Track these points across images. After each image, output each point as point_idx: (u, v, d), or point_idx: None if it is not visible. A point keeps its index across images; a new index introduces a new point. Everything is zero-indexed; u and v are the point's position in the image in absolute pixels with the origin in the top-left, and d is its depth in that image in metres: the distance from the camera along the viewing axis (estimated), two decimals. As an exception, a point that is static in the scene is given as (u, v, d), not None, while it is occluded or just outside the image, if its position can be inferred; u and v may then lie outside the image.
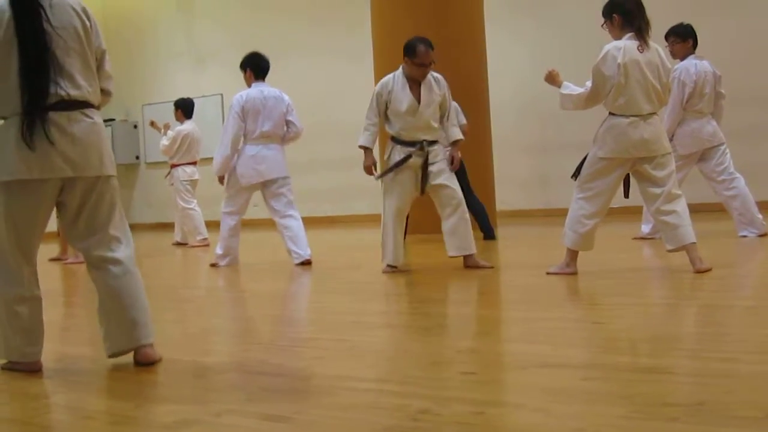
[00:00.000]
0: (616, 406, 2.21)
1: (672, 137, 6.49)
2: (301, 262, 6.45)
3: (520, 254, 6.99)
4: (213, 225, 8.16)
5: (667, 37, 6.88)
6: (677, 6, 9.19)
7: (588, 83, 4.87)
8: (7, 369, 3.07)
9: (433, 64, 5.53)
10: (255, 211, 7.18)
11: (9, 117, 2.95)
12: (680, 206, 4.81)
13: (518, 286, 4.94)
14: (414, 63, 5.47)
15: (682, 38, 6.88)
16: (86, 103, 3.01)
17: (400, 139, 5.56)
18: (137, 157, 15.48)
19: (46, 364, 3.09)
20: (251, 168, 6.57)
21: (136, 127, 15.40)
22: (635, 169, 4.87)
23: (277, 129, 6.67)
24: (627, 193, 5.01)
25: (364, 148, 5.62)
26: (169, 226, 11.07)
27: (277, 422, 2.25)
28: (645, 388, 2.38)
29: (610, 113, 4.85)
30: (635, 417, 2.10)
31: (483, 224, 7.95)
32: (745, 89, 9.42)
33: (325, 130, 12.68)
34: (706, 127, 6.81)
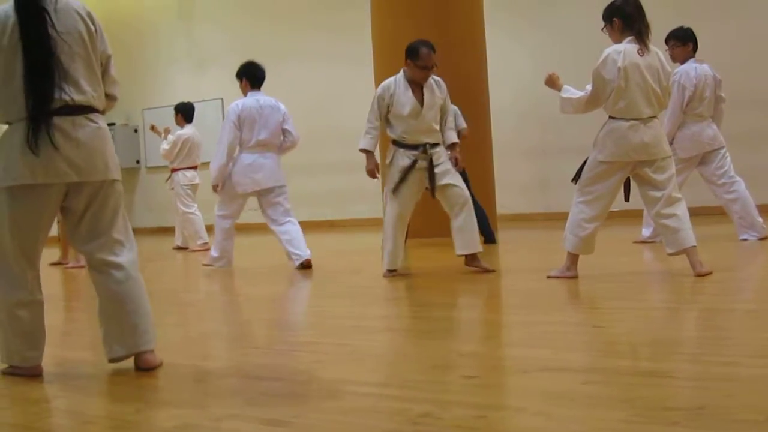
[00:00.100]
0: (616, 410, 2.21)
1: (672, 141, 6.49)
2: (301, 264, 6.45)
3: (520, 258, 6.99)
4: (213, 229, 8.15)
5: (667, 40, 6.89)
6: (677, 9, 9.18)
7: (588, 87, 4.87)
8: (7, 374, 3.07)
9: (436, 67, 5.54)
10: (252, 216, 7.17)
11: (14, 122, 2.96)
12: (680, 210, 4.81)
13: (519, 290, 4.94)
14: (417, 65, 5.48)
15: (682, 42, 6.88)
16: (91, 108, 3.01)
17: (402, 143, 5.55)
18: (138, 162, 15.47)
19: (46, 368, 3.09)
20: (247, 176, 6.60)
21: (136, 131, 15.40)
22: (635, 172, 4.87)
23: (274, 138, 6.69)
24: (627, 197, 5.01)
25: (366, 152, 5.61)
26: (170, 230, 11.07)
27: (277, 426, 2.25)
28: (645, 392, 2.38)
29: (611, 117, 4.85)
30: (636, 421, 2.10)
31: (483, 228, 7.92)
32: (746, 93, 9.41)
33: (326, 134, 12.68)
34: (706, 130, 6.81)
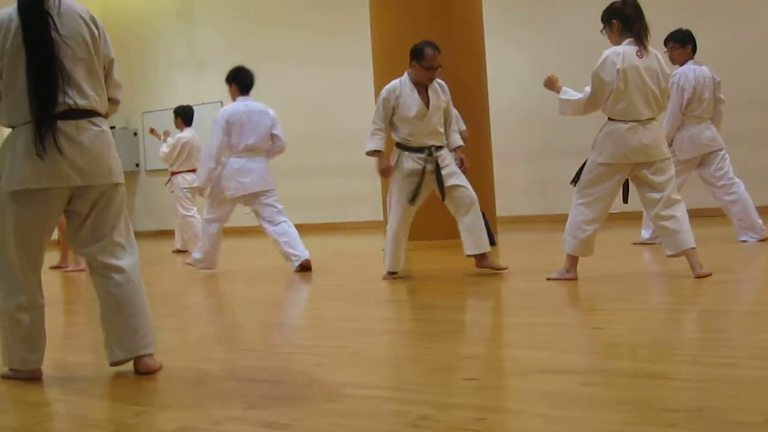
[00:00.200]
0: (616, 411, 2.22)
1: (671, 142, 6.50)
2: (300, 265, 6.46)
3: (520, 260, 6.98)
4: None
5: (666, 42, 6.90)
6: (676, 11, 9.19)
7: (587, 88, 4.88)
8: (8, 377, 3.07)
9: (440, 68, 5.54)
10: (248, 219, 7.17)
11: (17, 126, 2.96)
12: (680, 211, 4.81)
13: (519, 292, 4.94)
14: (423, 66, 5.47)
15: (681, 44, 6.89)
16: (94, 112, 3.02)
17: (407, 146, 5.53)
18: (137, 165, 15.48)
19: (47, 372, 3.10)
20: (236, 181, 6.64)
21: (136, 134, 15.40)
22: (634, 174, 4.88)
23: (262, 143, 6.74)
24: (626, 199, 5.02)
25: (376, 152, 5.55)
26: (170, 233, 11.07)
27: (277, 429, 2.26)
28: (645, 394, 2.38)
29: (609, 119, 4.86)
30: (635, 423, 2.10)
31: (484, 230, 7.92)
32: (745, 94, 9.42)
33: (325, 137, 12.69)
34: (705, 132, 6.82)
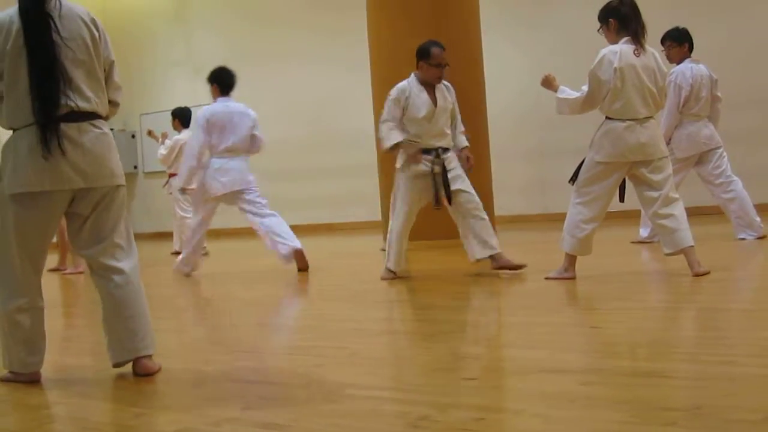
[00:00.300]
0: (614, 410, 2.22)
1: (669, 141, 6.50)
2: (291, 253, 6.48)
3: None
4: (211, 234, 8.17)
5: (663, 41, 6.90)
6: (673, 10, 9.19)
7: (584, 87, 4.88)
8: (8, 380, 3.07)
9: (448, 66, 5.53)
10: (242, 221, 7.20)
11: (18, 128, 2.96)
12: (678, 210, 4.82)
13: (517, 291, 4.95)
14: (431, 65, 5.46)
15: (678, 42, 6.90)
16: (95, 114, 3.02)
17: None
18: (135, 167, 15.48)
19: (46, 374, 3.10)
20: (216, 180, 6.70)
21: (133, 136, 15.40)
22: (632, 172, 4.88)
23: (242, 143, 6.80)
24: (622, 198, 5.02)
25: (400, 144, 5.42)
26: (168, 235, 11.07)
27: (275, 430, 2.26)
28: (643, 393, 2.38)
29: (607, 117, 4.86)
30: (634, 421, 2.10)
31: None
32: (742, 92, 9.43)
33: (324, 138, 12.69)
34: (703, 130, 6.82)
